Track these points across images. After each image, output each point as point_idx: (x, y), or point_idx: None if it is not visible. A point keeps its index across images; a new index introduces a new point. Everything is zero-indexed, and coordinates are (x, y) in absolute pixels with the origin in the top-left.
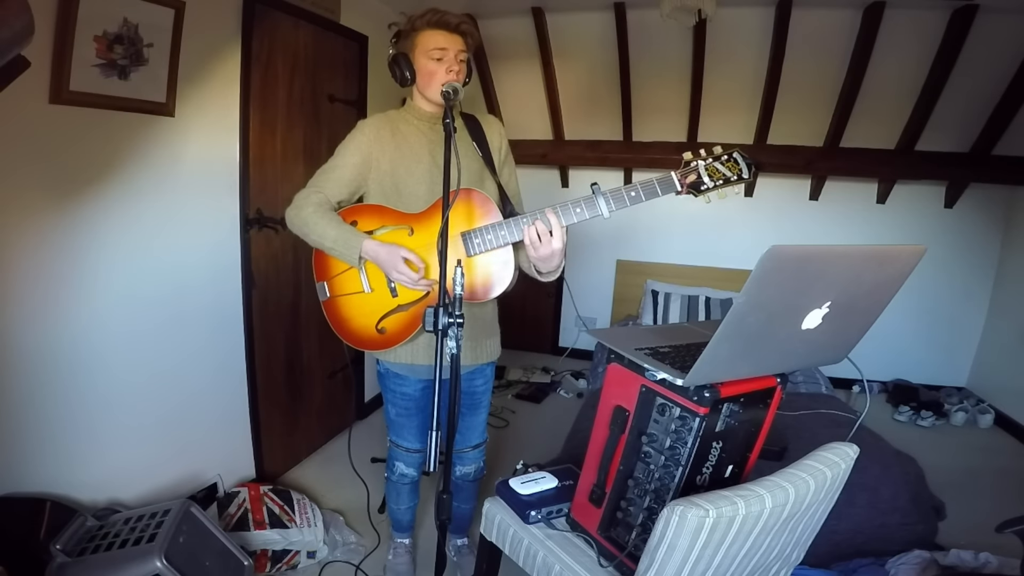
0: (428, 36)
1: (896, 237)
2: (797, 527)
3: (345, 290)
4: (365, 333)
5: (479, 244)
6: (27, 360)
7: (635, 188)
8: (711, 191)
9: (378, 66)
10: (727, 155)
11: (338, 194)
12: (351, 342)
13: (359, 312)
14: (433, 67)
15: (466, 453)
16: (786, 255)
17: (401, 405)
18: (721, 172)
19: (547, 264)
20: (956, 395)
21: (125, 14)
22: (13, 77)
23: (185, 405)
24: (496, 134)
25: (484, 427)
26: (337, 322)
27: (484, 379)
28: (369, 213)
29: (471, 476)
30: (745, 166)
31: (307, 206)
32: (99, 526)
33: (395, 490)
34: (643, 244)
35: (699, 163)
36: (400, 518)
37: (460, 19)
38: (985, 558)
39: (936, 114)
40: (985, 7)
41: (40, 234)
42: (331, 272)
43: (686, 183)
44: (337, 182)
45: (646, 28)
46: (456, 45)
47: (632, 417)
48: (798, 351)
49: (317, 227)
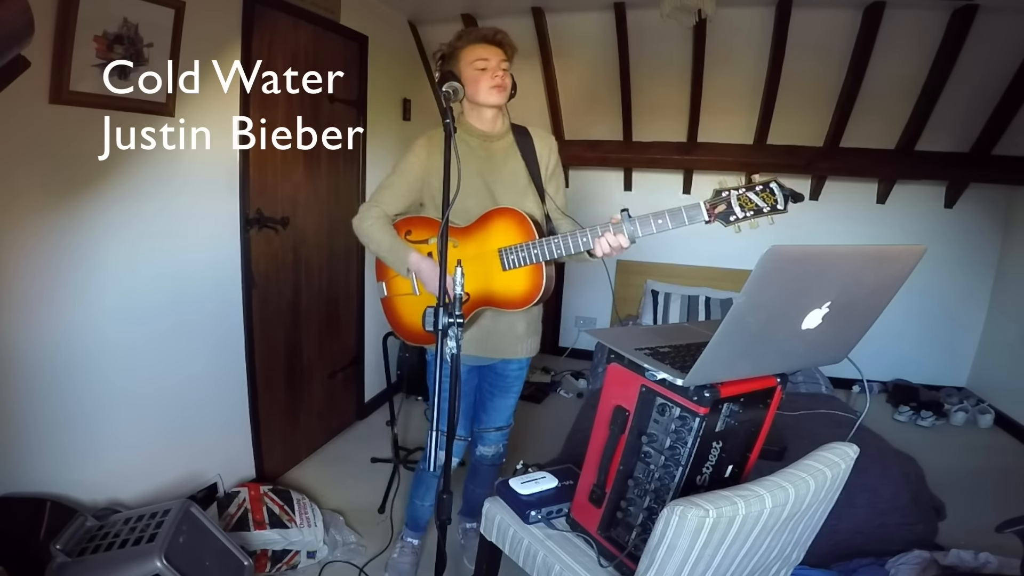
0: (470, 51)
1: (896, 237)
2: (797, 527)
3: (399, 291)
4: (414, 329)
5: (514, 261)
6: (27, 360)
7: (662, 216)
8: (741, 222)
9: (378, 66)
10: (763, 184)
11: (394, 207)
12: (404, 336)
13: (409, 311)
14: (478, 75)
15: (489, 433)
16: (786, 255)
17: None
18: (754, 203)
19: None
20: (956, 395)
21: (125, 14)
22: (13, 77)
23: (185, 405)
24: (546, 148)
25: (511, 412)
26: (392, 318)
27: (519, 365)
28: (422, 225)
29: (488, 459)
30: (781, 197)
31: (368, 218)
32: (99, 526)
33: (424, 484)
34: (643, 244)
35: (732, 194)
36: (419, 515)
37: (496, 30)
38: (985, 558)
39: (936, 114)
40: (985, 7)
41: (40, 234)
42: (389, 274)
43: (715, 213)
44: (393, 197)
45: (646, 28)
46: (497, 55)
47: (632, 417)
48: (798, 351)
49: (375, 237)
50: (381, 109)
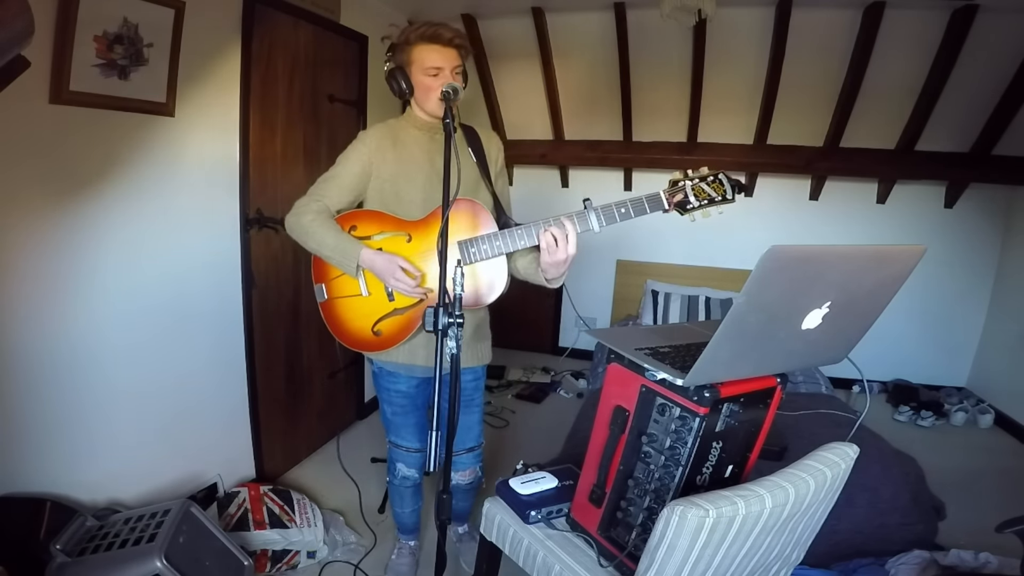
0: (423, 52)
1: (896, 237)
2: (797, 527)
3: (343, 293)
4: (361, 335)
5: (475, 253)
6: (27, 360)
7: (624, 205)
8: (696, 210)
9: (378, 66)
10: (713, 176)
11: (338, 202)
12: (347, 343)
13: (356, 314)
14: (430, 82)
15: (460, 456)
16: (786, 255)
17: (396, 403)
18: (707, 192)
19: (557, 270)
20: (956, 395)
21: (125, 14)
22: (13, 77)
23: (185, 405)
24: (494, 147)
25: (480, 430)
26: (334, 324)
27: (474, 375)
28: (367, 219)
29: (464, 487)
30: (729, 187)
31: (307, 213)
32: (99, 526)
33: (398, 493)
34: (643, 244)
35: (687, 183)
36: (405, 521)
37: (453, 34)
38: (985, 558)
39: (936, 114)
40: (985, 7)
41: (40, 234)
42: (329, 275)
43: (673, 201)
44: (338, 190)
45: (646, 28)
46: (451, 61)
47: (632, 417)
48: (798, 351)
49: (316, 235)
50: (381, 109)
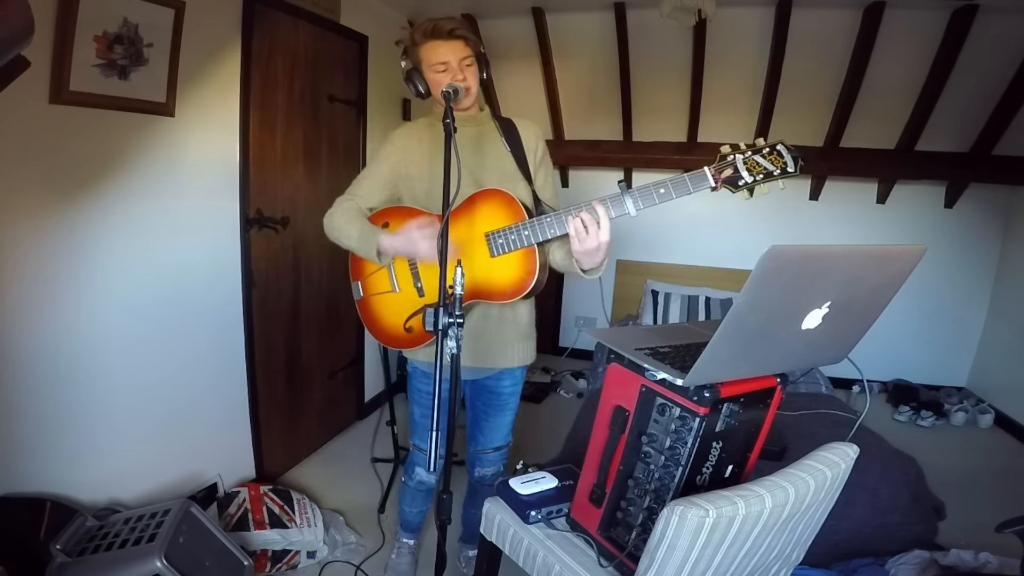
0: (429, 49)
1: (896, 237)
2: (797, 527)
3: (376, 290)
4: (394, 332)
5: (503, 244)
6: (27, 360)
7: (664, 185)
8: (751, 186)
9: (378, 66)
10: (769, 147)
11: (370, 200)
12: (382, 340)
13: (389, 311)
14: (440, 78)
15: (487, 455)
16: (786, 255)
17: (426, 405)
18: (762, 166)
19: (591, 259)
20: (956, 395)
21: (125, 14)
22: (13, 77)
23: (185, 405)
24: (532, 136)
25: (509, 430)
26: (369, 321)
27: (512, 380)
28: (400, 214)
29: (488, 479)
30: (791, 159)
31: (338, 212)
32: (99, 526)
33: (410, 495)
34: (643, 244)
35: (737, 156)
36: (411, 519)
37: (453, 24)
38: (985, 558)
39: (936, 114)
40: (985, 7)
41: (40, 234)
42: (364, 272)
43: (721, 178)
44: (368, 189)
45: (646, 28)
46: (457, 53)
47: (632, 417)
48: (798, 351)
49: (344, 229)
50: (381, 109)
